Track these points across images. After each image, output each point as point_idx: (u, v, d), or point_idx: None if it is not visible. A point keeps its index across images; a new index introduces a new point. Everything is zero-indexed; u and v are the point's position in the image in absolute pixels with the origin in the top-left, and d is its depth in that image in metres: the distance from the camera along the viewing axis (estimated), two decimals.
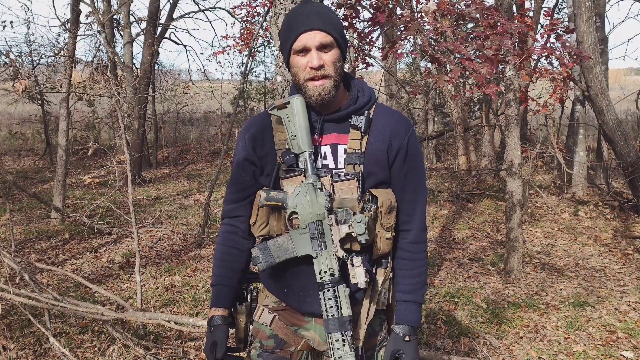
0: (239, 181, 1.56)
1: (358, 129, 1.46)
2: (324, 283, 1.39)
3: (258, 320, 1.57)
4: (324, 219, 1.41)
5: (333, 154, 1.48)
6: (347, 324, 1.37)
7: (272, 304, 1.57)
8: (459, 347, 3.40)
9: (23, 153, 12.52)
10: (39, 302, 3.03)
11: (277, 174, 1.48)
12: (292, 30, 1.42)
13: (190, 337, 3.41)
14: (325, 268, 1.39)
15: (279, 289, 1.54)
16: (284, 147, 1.48)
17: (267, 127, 1.52)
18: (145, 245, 5.66)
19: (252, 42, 7.26)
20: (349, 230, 1.39)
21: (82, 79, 8.01)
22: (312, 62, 1.40)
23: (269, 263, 1.45)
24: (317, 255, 1.41)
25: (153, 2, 10.41)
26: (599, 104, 6.38)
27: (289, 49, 1.44)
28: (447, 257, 5.34)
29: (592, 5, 6.24)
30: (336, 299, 1.37)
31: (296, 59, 1.43)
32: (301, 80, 1.43)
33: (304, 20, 1.41)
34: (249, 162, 1.52)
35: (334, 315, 1.37)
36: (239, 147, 1.55)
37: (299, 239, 1.43)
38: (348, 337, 1.36)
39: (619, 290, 4.40)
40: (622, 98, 8.81)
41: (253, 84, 15.13)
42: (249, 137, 1.52)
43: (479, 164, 9.86)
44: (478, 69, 3.32)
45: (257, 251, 1.46)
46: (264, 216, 1.50)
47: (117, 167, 4.58)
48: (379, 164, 1.47)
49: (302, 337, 1.54)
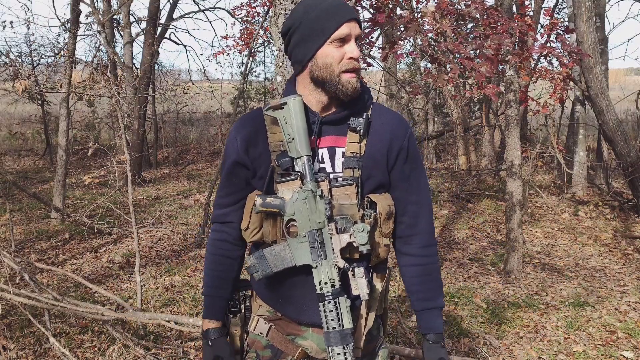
0: (230, 185, 1.50)
1: (357, 131, 1.40)
2: (324, 294, 1.33)
3: (254, 331, 1.52)
4: (324, 228, 1.35)
5: (331, 157, 1.42)
6: (348, 337, 1.32)
7: (267, 314, 1.51)
8: (459, 347, 3.40)
9: (23, 153, 12.52)
10: (39, 302, 3.03)
11: (271, 178, 1.42)
12: (332, 18, 1.35)
13: (190, 337, 3.41)
14: (325, 279, 1.34)
15: (274, 299, 1.49)
16: (278, 149, 1.41)
17: (261, 127, 1.45)
18: (145, 245, 5.66)
19: (252, 43, 7.26)
20: (350, 239, 1.35)
21: (82, 79, 8.00)
22: (353, 52, 1.35)
23: (266, 273, 1.39)
24: (316, 266, 1.35)
25: (153, 2, 10.41)
26: (599, 104, 6.38)
27: (326, 37, 1.35)
28: (447, 257, 5.34)
29: (592, 5, 6.24)
30: (337, 311, 1.33)
31: (330, 49, 1.36)
32: (336, 72, 1.36)
33: (343, 9, 1.36)
34: (240, 165, 1.46)
35: (335, 328, 1.32)
36: (230, 149, 1.48)
37: (297, 248, 1.37)
38: (350, 351, 1.32)
39: (619, 290, 4.40)
40: (622, 98, 8.82)
41: (253, 84, 15.12)
42: (240, 138, 1.45)
43: (479, 164, 9.86)
44: (478, 68, 3.32)
45: (253, 260, 1.40)
46: (257, 221, 1.44)
47: (117, 167, 4.58)
48: (378, 167, 1.42)
49: (298, 346, 1.49)
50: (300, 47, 1.39)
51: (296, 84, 1.46)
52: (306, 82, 1.42)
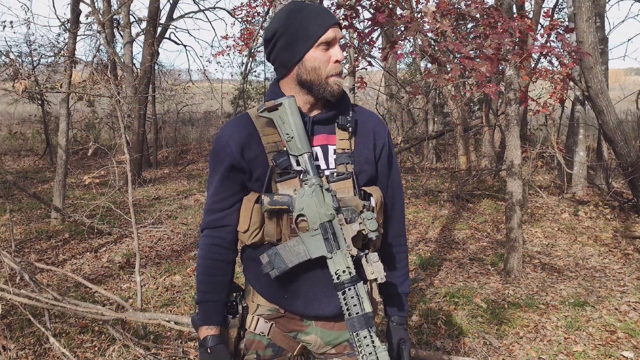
0: (225, 189, 1.50)
1: (346, 129, 1.48)
2: (343, 282, 1.37)
3: (254, 332, 1.53)
4: (334, 219, 1.40)
5: (324, 155, 1.49)
6: (371, 320, 1.36)
7: (267, 313, 1.53)
8: (459, 347, 3.40)
9: (23, 153, 12.52)
10: (39, 302, 3.04)
11: (269, 178, 1.45)
12: (318, 23, 1.40)
13: (190, 337, 3.41)
14: (342, 267, 1.38)
15: (279, 296, 1.50)
16: (274, 150, 1.45)
17: (252, 130, 1.47)
18: (145, 245, 5.66)
19: (252, 43, 7.26)
20: (360, 227, 1.39)
21: (82, 79, 8.00)
22: (338, 56, 1.42)
23: (282, 269, 1.40)
24: (332, 256, 1.39)
25: (153, 2, 10.41)
26: (599, 104, 6.38)
27: (313, 42, 1.40)
28: (447, 257, 5.34)
29: (592, 5, 6.24)
30: (358, 296, 1.36)
31: (318, 53, 1.41)
32: (324, 75, 1.42)
33: (325, 14, 1.42)
34: (236, 170, 1.47)
35: (359, 313, 1.35)
36: (222, 154, 1.48)
37: (310, 241, 1.40)
38: (374, 333, 1.35)
39: (619, 290, 4.40)
40: (622, 98, 8.81)
41: (253, 84, 15.12)
42: (234, 142, 1.46)
43: (479, 164, 9.86)
44: (478, 68, 3.32)
45: (267, 258, 1.41)
46: (258, 222, 1.45)
47: (117, 167, 4.58)
48: (368, 162, 1.51)
49: (298, 342, 1.53)
50: (286, 51, 1.44)
51: (280, 87, 1.51)
52: (291, 85, 1.48)
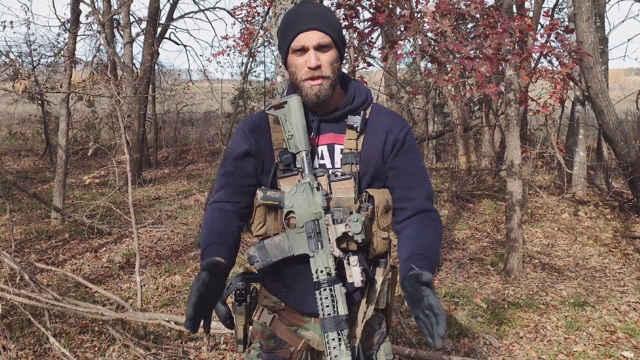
0: (238, 171, 1.50)
1: (354, 128, 1.47)
2: (320, 282, 1.38)
3: (257, 321, 1.56)
4: (321, 218, 1.41)
5: (330, 154, 1.49)
6: (343, 323, 1.36)
7: (271, 304, 1.56)
8: (459, 347, 3.40)
9: (23, 153, 12.52)
10: (39, 302, 3.04)
11: (274, 174, 1.48)
12: (290, 29, 1.43)
13: (190, 337, 3.41)
14: (321, 267, 1.39)
15: (279, 289, 1.54)
16: (281, 147, 1.48)
17: (265, 126, 1.52)
18: (145, 245, 5.66)
19: (252, 43, 7.26)
20: (345, 229, 1.39)
21: (82, 79, 8.00)
22: (309, 62, 1.40)
23: (266, 262, 1.44)
24: (313, 255, 1.40)
25: (153, 2, 10.41)
26: (599, 104, 6.38)
27: (287, 48, 1.44)
28: (447, 257, 5.34)
29: (592, 5, 6.24)
30: (332, 298, 1.37)
31: (294, 58, 1.44)
32: (298, 80, 1.44)
33: (303, 19, 1.41)
34: (250, 156, 1.51)
35: (330, 315, 1.36)
36: (238, 140, 1.52)
37: (295, 238, 1.42)
38: (344, 336, 1.35)
39: (619, 290, 4.40)
40: (622, 98, 8.81)
41: (253, 84, 15.11)
42: (251, 132, 1.52)
43: (479, 164, 9.86)
44: (478, 68, 3.32)
45: (254, 250, 1.46)
46: (262, 215, 1.49)
47: (117, 167, 4.58)
48: (375, 163, 1.48)
49: (301, 338, 1.53)
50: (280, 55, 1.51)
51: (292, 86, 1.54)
52: None
